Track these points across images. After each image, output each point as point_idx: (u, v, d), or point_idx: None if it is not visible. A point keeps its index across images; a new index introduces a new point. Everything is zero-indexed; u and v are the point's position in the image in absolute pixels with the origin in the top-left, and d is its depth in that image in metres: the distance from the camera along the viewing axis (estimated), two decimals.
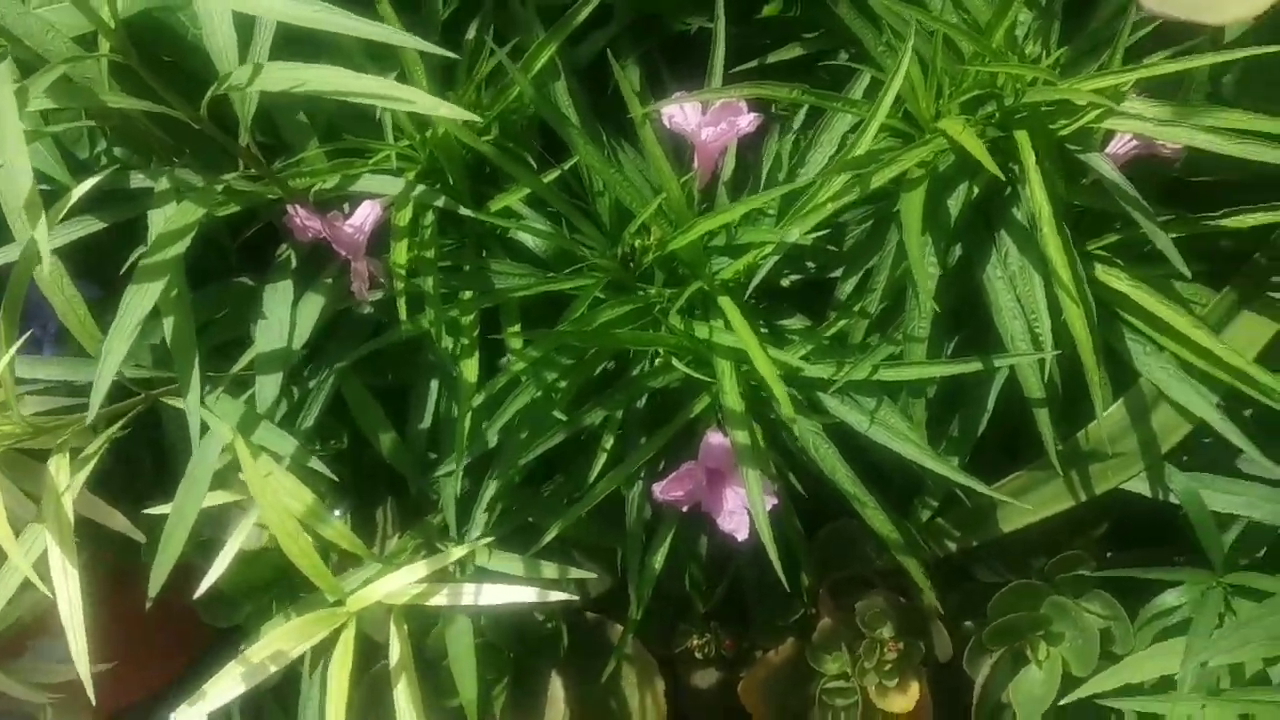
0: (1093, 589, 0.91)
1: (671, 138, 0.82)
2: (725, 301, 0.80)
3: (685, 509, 0.83)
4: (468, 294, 0.84)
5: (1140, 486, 0.86)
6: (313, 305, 0.80)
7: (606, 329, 0.79)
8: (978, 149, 0.73)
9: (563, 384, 0.80)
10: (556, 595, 0.70)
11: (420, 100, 0.56)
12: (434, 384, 0.88)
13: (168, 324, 0.67)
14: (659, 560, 0.85)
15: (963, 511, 0.92)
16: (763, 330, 0.82)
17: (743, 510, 0.82)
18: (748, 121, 0.80)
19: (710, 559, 0.95)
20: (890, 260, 0.82)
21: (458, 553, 0.72)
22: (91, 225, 0.73)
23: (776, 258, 0.77)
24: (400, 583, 0.70)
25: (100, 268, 0.89)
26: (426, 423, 0.87)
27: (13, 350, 0.67)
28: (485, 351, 0.84)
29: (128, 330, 0.62)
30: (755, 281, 0.77)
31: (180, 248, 0.64)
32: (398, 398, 0.89)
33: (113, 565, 1.07)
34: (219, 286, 0.88)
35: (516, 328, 0.82)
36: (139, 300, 0.63)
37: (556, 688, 0.92)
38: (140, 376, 0.82)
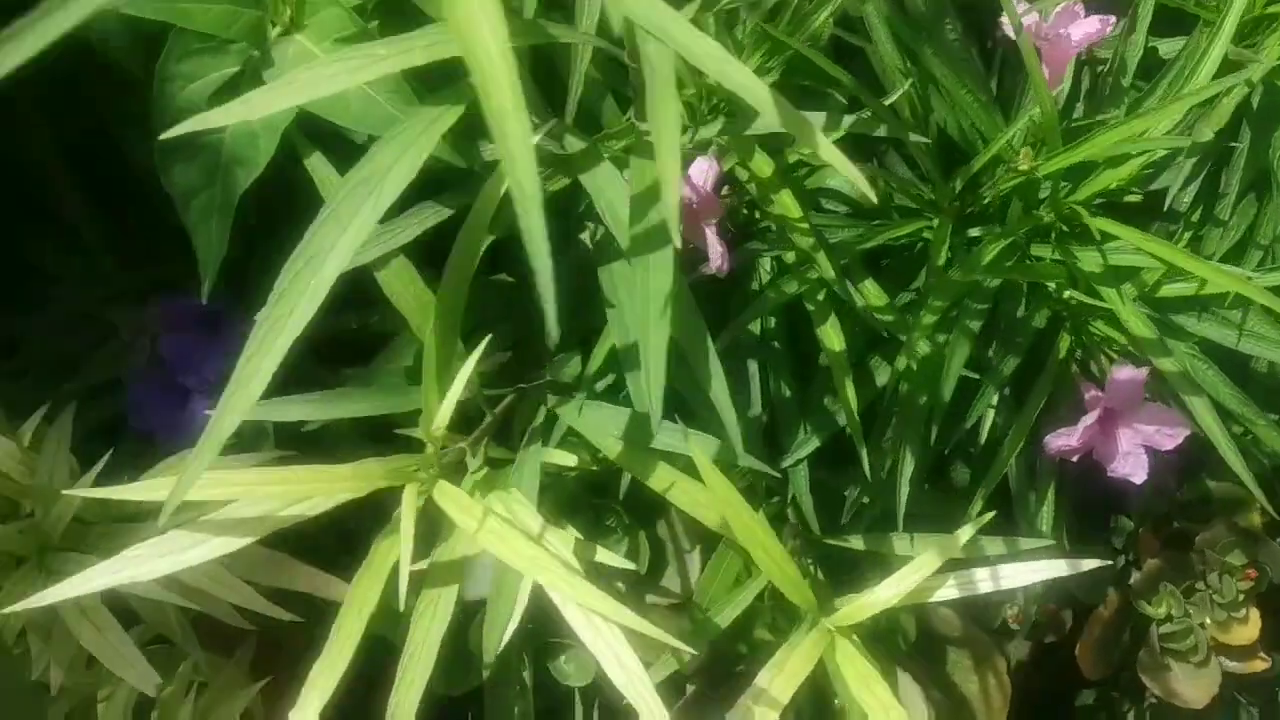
0: None
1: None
2: (1105, 223, 0.72)
3: (1075, 459, 0.75)
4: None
5: None
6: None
7: (996, 267, 0.70)
8: None
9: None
10: (1090, 563, 0.61)
11: None
12: (752, 364, 0.76)
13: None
14: (1046, 524, 0.77)
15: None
16: None
17: (1140, 450, 0.75)
18: (1109, 20, 0.72)
19: None
20: (1244, 160, 0.77)
21: (965, 535, 0.62)
22: (440, 213, 0.59)
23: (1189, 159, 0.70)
24: (897, 588, 0.60)
25: None
26: (758, 409, 0.76)
27: (469, 365, 0.52)
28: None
29: (655, 317, 0.49)
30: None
31: (665, 212, 0.51)
32: None
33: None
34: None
35: (870, 282, 0.72)
36: (654, 277, 0.50)
37: (909, 686, 0.82)
38: None
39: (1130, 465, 0.75)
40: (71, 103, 0.80)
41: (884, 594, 0.60)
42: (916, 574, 0.60)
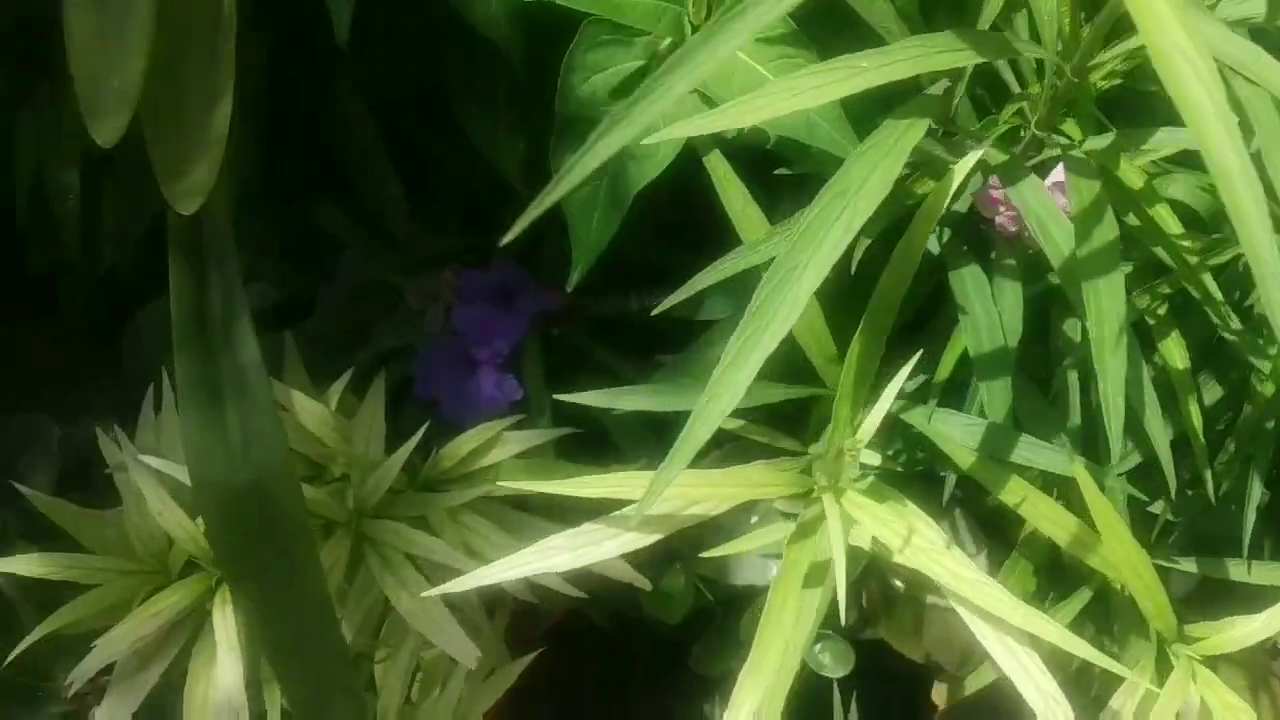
0: None
1: None
2: None
3: None
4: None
5: None
6: (1011, 294, 0.66)
7: None
8: None
9: None
10: None
11: None
12: (1073, 375, 0.75)
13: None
14: None
15: None
16: None
17: None
18: None
19: None
20: None
21: None
22: None
23: None
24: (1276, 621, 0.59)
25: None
26: (1076, 420, 0.75)
27: (899, 379, 0.52)
28: None
29: (1110, 344, 0.49)
30: None
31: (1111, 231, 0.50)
32: None
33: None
34: None
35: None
36: (1105, 301, 0.49)
37: None
38: None
39: None
40: (391, 76, 0.81)
41: (1262, 627, 0.59)
42: None
